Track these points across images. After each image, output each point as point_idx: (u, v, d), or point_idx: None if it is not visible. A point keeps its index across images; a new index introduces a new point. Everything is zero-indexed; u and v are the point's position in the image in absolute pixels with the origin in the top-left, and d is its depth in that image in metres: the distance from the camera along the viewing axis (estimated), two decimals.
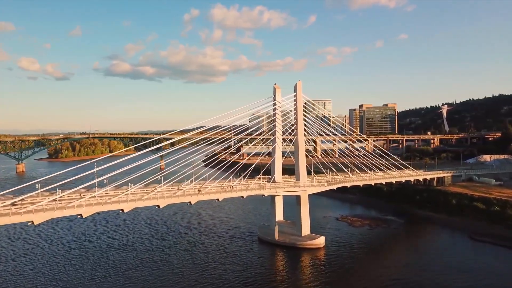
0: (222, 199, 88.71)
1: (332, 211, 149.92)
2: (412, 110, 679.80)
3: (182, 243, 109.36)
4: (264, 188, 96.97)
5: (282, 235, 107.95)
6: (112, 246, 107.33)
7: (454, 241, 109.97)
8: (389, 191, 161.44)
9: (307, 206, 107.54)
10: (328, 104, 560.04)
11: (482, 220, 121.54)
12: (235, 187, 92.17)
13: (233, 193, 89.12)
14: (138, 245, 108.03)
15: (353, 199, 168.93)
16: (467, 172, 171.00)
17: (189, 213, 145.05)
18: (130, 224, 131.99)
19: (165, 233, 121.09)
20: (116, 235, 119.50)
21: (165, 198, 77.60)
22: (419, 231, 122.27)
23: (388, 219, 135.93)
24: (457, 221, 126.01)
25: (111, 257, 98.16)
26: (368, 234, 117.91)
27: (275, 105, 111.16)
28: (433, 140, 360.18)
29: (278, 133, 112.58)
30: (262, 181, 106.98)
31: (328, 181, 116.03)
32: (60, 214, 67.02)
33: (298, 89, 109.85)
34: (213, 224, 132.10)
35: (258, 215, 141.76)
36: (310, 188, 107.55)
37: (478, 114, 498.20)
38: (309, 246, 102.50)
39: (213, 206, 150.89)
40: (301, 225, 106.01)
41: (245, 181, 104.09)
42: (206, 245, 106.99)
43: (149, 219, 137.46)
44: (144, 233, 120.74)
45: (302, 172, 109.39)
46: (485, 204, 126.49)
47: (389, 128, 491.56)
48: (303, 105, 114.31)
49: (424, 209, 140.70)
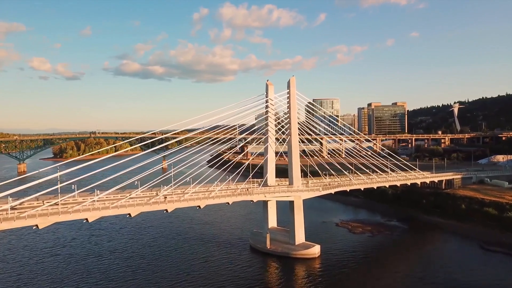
0: (204, 206, 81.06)
1: (333, 216, 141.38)
2: (423, 109, 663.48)
3: (168, 250, 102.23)
4: (251, 193, 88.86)
5: (274, 243, 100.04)
6: (90, 253, 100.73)
7: (462, 251, 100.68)
8: (394, 194, 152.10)
9: (301, 212, 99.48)
10: (336, 103, 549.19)
11: (494, 227, 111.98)
12: (218, 193, 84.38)
13: (215, 199, 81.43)
14: (120, 252, 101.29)
15: (356, 203, 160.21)
16: (478, 173, 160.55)
17: (181, 216, 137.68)
18: (113, 229, 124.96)
19: (151, 238, 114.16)
20: (97, 240, 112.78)
21: (135, 206, 70.33)
22: (424, 239, 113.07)
23: (392, 225, 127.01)
24: (466, 228, 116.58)
25: (87, 264, 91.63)
26: (369, 242, 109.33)
27: (267, 102, 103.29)
28: (443, 140, 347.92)
29: (270, 132, 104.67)
30: (253, 185, 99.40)
31: (325, 185, 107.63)
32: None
33: (291, 86, 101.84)
34: (204, 229, 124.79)
35: (253, 220, 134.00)
36: (304, 193, 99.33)
37: (491, 113, 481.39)
38: (303, 256, 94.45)
39: (206, 208, 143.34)
40: (294, 233, 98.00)
41: (234, 184, 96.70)
42: (193, 253, 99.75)
43: (137, 223, 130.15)
44: (129, 238, 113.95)
45: (295, 175, 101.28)
46: (497, 210, 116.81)
47: (399, 127, 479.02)
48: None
49: (431, 214, 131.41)
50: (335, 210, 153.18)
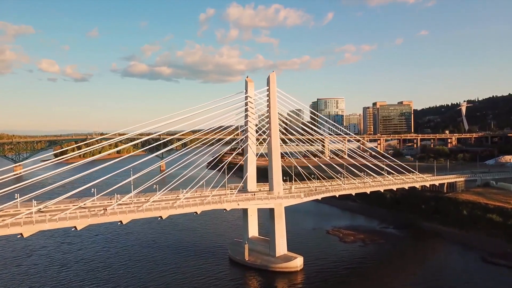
0: (166, 217, 72.40)
1: (326, 222, 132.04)
2: (431, 108, 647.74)
3: (140, 260, 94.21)
4: (222, 201, 79.90)
5: (254, 255, 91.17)
6: (55, 263, 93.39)
7: (461, 263, 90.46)
8: (393, 198, 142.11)
9: (283, 221, 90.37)
10: (341, 103, 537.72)
11: (499, 236, 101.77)
12: (185, 201, 75.72)
13: (178, 209, 72.57)
14: (87, 261, 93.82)
15: (353, 207, 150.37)
16: (484, 176, 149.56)
17: (160, 222, 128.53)
18: (87, 236, 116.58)
19: (124, 246, 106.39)
20: (68, 248, 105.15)
21: (78, 219, 62.05)
22: (421, 249, 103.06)
23: (388, 233, 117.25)
24: (469, 236, 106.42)
25: (49, 276, 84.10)
26: (359, 252, 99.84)
27: (247, 99, 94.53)
28: (450, 140, 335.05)
29: (251, 133, 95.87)
30: (232, 191, 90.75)
31: (311, 191, 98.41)
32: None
33: (271, 82, 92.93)
34: (184, 235, 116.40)
35: (238, 226, 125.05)
36: (285, 200, 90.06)
37: (502, 112, 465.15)
38: (283, 269, 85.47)
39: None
40: (275, 244, 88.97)
41: (208, 191, 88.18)
42: (167, 263, 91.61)
43: (110, 231, 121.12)
44: (100, 247, 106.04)
45: (276, 180, 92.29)
46: (501, 216, 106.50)
47: (405, 127, 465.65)
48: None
49: (431, 221, 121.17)
50: (329, 215, 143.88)
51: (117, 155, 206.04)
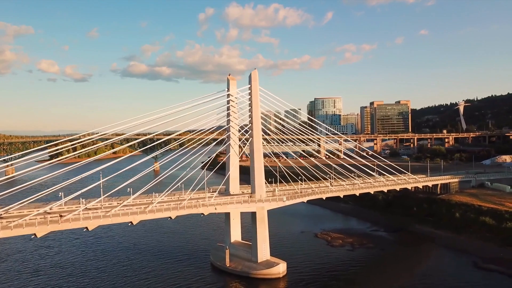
0: (137, 223, 68.36)
1: (315, 224, 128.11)
2: (431, 108, 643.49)
3: (117, 266, 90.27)
4: (198, 206, 75.81)
5: (235, 261, 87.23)
6: (28, 268, 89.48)
7: (452, 269, 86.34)
8: (385, 200, 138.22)
9: (265, 225, 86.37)
10: (339, 102, 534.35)
11: (492, 239, 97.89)
12: (158, 206, 71.74)
13: (149, 214, 68.44)
14: (62, 267, 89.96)
15: (345, 209, 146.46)
16: (478, 176, 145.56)
17: (144, 224, 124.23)
18: (67, 240, 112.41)
19: (101, 251, 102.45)
20: (41, 254, 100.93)
21: (36, 226, 58.09)
22: (411, 254, 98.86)
23: (378, 236, 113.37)
24: (461, 240, 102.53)
25: (20, 283, 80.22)
26: (347, 257, 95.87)
27: (229, 97, 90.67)
28: (447, 139, 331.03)
29: (233, 133, 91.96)
30: (212, 193, 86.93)
31: (296, 193, 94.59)
32: None
33: (253, 80, 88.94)
34: (166, 239, 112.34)
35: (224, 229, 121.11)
36: (266, 203, 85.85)
37: (501, 111, 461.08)
38: (264, 276, 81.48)
39: None
40: (257, 249, 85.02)
41: (187, 193, 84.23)
42: (145, 270, 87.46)
43: (91, 234, 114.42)
44: (79, 252, 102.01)
45: (258, 182, 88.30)
46: (495, 219, 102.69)
47: (402, 127, 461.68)
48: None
49: (424, 224, 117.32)
50: (320, 217, 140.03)
51: (113, 155, 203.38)
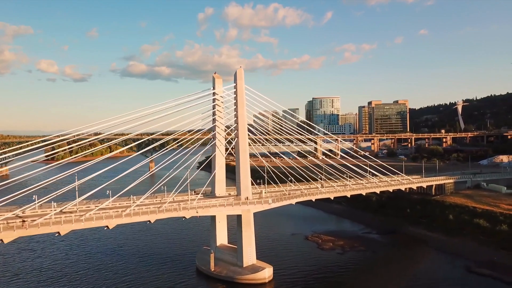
0: (114, 227, 65.58)
1: (307, 226, 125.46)
2: (430, 107, 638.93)
3: (100, 270, 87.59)
4: (179, 209, 73.04)
5: (220, 265, 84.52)
6: (6, 273, 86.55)
7: (444, 273, 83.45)
8: (379, 201, 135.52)
9: (251, 228, 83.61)
10: (337, 101, 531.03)
11: (486, 242, 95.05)
12: (137, 209, 68.97)
13: (125, 218, 65.64)
14: (39, 271, 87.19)
15: (338, 210, 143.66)
16: (474, 177, 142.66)
17: (132, 225, 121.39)
18: (45, 244, 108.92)
19: (83, 254, 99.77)
20: (23, 257, 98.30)
21: (14, 230, 55.38)
22: (402, 257, 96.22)
23: (370, 239, 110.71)
24: (455, 243, 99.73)
25: None
26: (336, 260, 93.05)
27: (214, 95, 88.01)
28: (445, 139, 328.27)
29: (219, 134, 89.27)
30: (195, 196, 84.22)
31: (284, 195, 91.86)
32: None
33: (238, 79, 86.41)
34: (151, 243, 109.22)
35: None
36: (251, 206, 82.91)
37: (500, 111, 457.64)
38: (249, 281, 78.80)
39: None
40: (242, 253, 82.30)
41: (170, 196, 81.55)
42: (127, 273, 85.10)
43: (77, 236, 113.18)
44: (58, 256, 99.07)
45: (244, 184, 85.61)
46: (489, 221, 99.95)
47: (400, 126, 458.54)
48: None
49: (417, 226, 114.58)
50: (312, 219, 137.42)
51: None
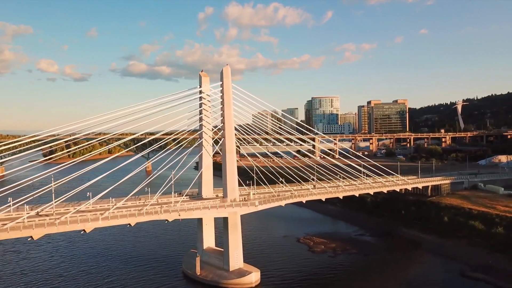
0: (91, 230, 63.07)
1: (299, 228, 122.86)
2: (430, 107, 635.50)
3: (83, 273, 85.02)
4: (160, 212, 70.50)
5: (206, 269, 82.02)
6: None
7: (436, 277, 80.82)
8: (373, 202, 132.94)
9: (238, 231, 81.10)
10: (336, 101, 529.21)
11: (481, 245, 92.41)
12: (116, 212, 66.53)
13: (102, 222, 63.09)
14: (21, 274, 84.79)
15: (332, 211, 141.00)
16: (471, 177, 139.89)
17: (121, 227, 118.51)
18: (30, 246, 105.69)
19: (65, 257, 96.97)
20: (6, 259, 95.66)
21: None
22: (395, 261, 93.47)
23: (363, 241, 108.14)
24: (449, 246, 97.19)
25: None
26: (327, 264, 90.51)
27: (201, 94, 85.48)
28: (444, 139, 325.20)
29: (205, 133, 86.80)
30: (178, 197, 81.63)
31: (273, 196, 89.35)
32: None
33: (224, 77, 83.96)
34: (138, 245, 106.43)
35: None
36: (236, 208, 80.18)
37: (500, 110, 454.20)
38: (235, 285, 76.29)
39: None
40: (228, 256, 79.80)
41: (153, 198, 79.03)
42: (111, 277, 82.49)
43: (63, 238, 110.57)
44: (42, 258, 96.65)
45: (231, 186, 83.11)
46: (485, 223, 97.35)
47: (400, 126, 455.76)
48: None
49: (411, 228, 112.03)
50: (305, 220, 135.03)
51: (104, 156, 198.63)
